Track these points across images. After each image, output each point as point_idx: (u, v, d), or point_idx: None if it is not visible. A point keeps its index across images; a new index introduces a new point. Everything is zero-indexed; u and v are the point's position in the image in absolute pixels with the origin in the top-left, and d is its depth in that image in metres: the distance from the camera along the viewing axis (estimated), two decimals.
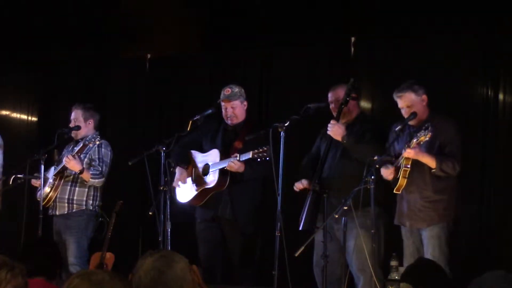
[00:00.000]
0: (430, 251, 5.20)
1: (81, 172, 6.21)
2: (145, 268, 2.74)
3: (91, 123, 6.56)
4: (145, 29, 8.07)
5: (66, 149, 6.63)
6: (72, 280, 2.62)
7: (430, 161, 5.14)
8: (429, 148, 5.20)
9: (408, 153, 5.07)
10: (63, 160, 6.24)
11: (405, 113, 5.28)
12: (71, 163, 6.17)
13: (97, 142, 6.24)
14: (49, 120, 8.22)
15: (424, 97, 5.29)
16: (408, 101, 5.26)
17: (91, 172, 6.29)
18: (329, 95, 5.68)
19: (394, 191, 5.21)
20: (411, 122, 5.26)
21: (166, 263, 2.75)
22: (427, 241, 5.25)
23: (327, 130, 5.64)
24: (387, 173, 5.22)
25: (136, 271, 2.77)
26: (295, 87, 7.08)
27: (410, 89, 5.27)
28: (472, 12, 6.42)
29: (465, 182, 5.54)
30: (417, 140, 4.96)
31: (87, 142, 6.20)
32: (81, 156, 6.27)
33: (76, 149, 6.22)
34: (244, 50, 7.64)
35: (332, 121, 5.50)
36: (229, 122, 6.02)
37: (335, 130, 5.46)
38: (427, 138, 4.94)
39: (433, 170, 5.14)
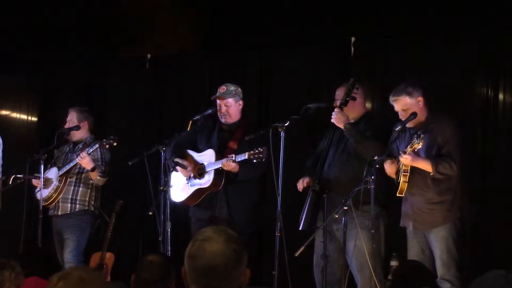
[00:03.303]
0: (438, 256, 5.16)
1: (93, 170, 6.27)
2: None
3: (85, 125, 6.63)
4: (145, 29, 8.07)
5: (63, 151, 6.64)
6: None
7: (426, 166, 5.13)
8: (428, 150, 5.19)
9: (405, 159, 5.07)
10: (77, 159, 6.27)
11: (401, 116, 5.26)
12: (85, 160, 6.25)
13: (99, 144, 6.29)
14: (49, 120, 8.22)
15: (420, 98, 5.24)
16: (403, 105, 5.24)
17: (99, 171, 6.34)
18: (337, 93, 5.65)
19: (397, 195, 5.20)
20: (409, 124, 5.25)
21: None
22: (434, 245, 5.21)
23: (329, 131, 5.65)
24: (387, 166, 5.22)
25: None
26: (295, 87, 7.07)
27: (404, 93, 5.23)
28: (472, 12, 6.42)
29: (465, 182, 5.52)
30: (411, 148, 4.98)
31: (91, 149, 6.27)
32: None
33: (91, 150, 6.29)
34: (244, 50, 7.64)
35: (336, 109, 5.50)
36: (223, 120, 5.98)
37: (338, 117, 5.45)
38: (419, 146, 4.95)
39: (431, 174, 5.13)
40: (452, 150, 5.15)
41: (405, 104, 5.23)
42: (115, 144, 6.22)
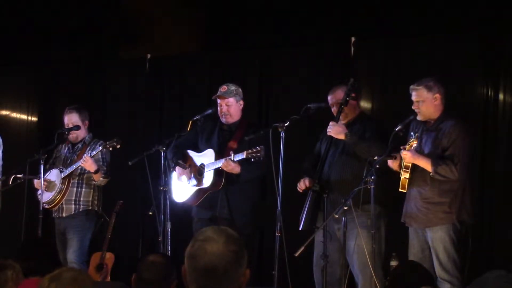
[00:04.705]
0: (435, 256, 5.18)
1: (96, 172, 6.28)
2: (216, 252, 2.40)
3: (87, 124, 6.64)
4: (145, 29, 8.07)
5: (61, 151, 6.65)
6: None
7: (426, 165, 5.14)
8: (433, 149, 5.20)
9: (404, 155, 5.08)
10: (79, 162, 6.28)
11: (414, 106, 5.30)
12: (88, 163, 6.26)
13: (100, 145, 6.31)
14: (49, 120, 8.22)
15: (437, 96, 5.27)
16: (418, 96, 5.28)
17: (102, 172, 6.35)
18: (329, 97, 5.66)
19: (400, 190, 5.22)
20: (420, 118, 5.27)
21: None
22: (431, 245, 5.22)
23: (327, 131, 5.65)
24: (390, 162, 5.24)
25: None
26: (295, 87, 7.08)
27: (423, 85, 5.29)
28: (472, 12, 6.42)
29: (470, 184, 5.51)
30: (409, 145, 5.00)
31: (94, 152, 6.29)
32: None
33: (94, 152, 6.32)
34: (244, 50, 7.64)
35: (331, 123, 5.50)
36: (223, 120, 5.99)
37: (335, 130, 5.46)
38: (414, 144, 5.03)
39: (431, 174, 5.15)
40: (455, 153, 5.14)
41: (421, 96, 5.27)
42: (118, 146, 6.23)
